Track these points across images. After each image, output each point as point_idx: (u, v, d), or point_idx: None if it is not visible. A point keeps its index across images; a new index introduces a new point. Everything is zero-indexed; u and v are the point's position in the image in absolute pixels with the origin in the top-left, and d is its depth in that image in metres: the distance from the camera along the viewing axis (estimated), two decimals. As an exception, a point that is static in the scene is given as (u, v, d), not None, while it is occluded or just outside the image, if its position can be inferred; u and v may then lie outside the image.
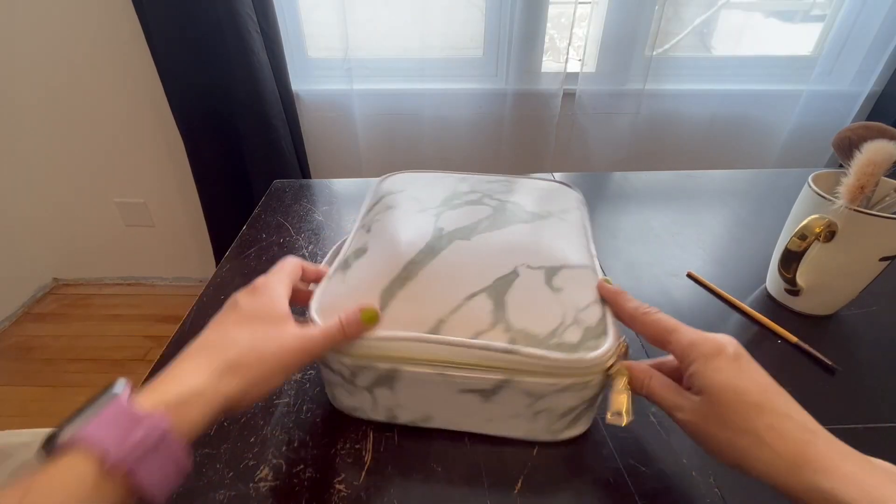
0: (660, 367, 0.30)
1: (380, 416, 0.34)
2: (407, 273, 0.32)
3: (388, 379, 0.30)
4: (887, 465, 0.22)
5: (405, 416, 0.33)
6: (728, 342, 0.26)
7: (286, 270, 0.32)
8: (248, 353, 0.25)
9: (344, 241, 0.40)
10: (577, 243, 0.37)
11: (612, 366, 0.29)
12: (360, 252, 0.35)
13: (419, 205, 0.39)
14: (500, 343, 0.28)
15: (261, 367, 0.25)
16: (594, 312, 0.31)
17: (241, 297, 0.29)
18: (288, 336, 0.27)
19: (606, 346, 0.29)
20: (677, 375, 0.29)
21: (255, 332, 0.27)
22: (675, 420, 0.27)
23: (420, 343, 0.29)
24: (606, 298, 0.32)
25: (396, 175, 0.46)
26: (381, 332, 0.29)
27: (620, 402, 0.28)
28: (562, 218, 0.39)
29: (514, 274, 0.32)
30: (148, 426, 0.20)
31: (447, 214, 0.37)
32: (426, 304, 0.30)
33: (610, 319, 0.31)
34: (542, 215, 0.39)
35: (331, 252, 0.40)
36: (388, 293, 0.31)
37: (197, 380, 0.23)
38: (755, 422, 0.23)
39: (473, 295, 0.31)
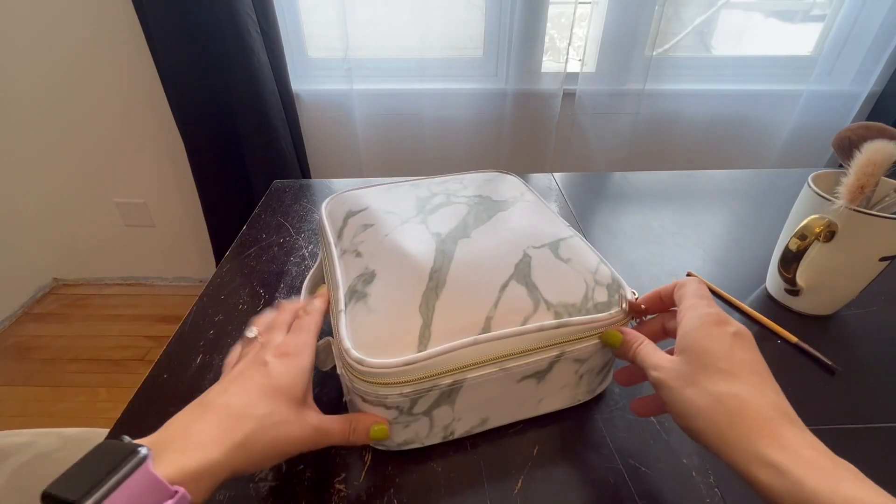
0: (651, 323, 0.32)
1: (435, 438, 0.32)
2: (434, 283, 0.31)
3: (449, 394, 0.29)
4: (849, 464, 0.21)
5: (462, 428, 0.33)
6: (735, 323, 0.26)
7: (316, 327, 0.32)
8: (262, 432, 0.24)
9: (314, 272, 0.39)
10: (551, 218, 0.39)
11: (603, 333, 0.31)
12: (368, 277, 0.32)
13: (397, 217, 0.38)
14: (551, 321, 0.30)
15: (267, 451, 0.25)
16: (605, 271, 0.34)
17: (272, 361, 0.27)
18: (303, 427, 0.26)
19: (628, 294, 0.32)
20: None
21: (275, 411, 0.25)
22: (650, 378, 0.27)
23: (480, 345, 0.29)
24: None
25: (339, 196, 0.43)
26: (441, 346, 0.28)
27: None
28: (525, 200, 0.41)
29: (526, 256, 0.33)
30: (175, 500, 0.20)
31: (432, 220, 0.37)
32: (467, 306, 0.30)
33: (618, 274, 0.34)
34: (510, 202, 0.41)
35: (307, 285, 0.39)
36: (426, 307, 0.30)
37: (214, 452, 0.22)
38: (720, 387, 0.23)
39: (505, 285, 0.31)
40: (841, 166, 0.41)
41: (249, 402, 0.25)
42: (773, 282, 0.48)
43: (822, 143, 1.26)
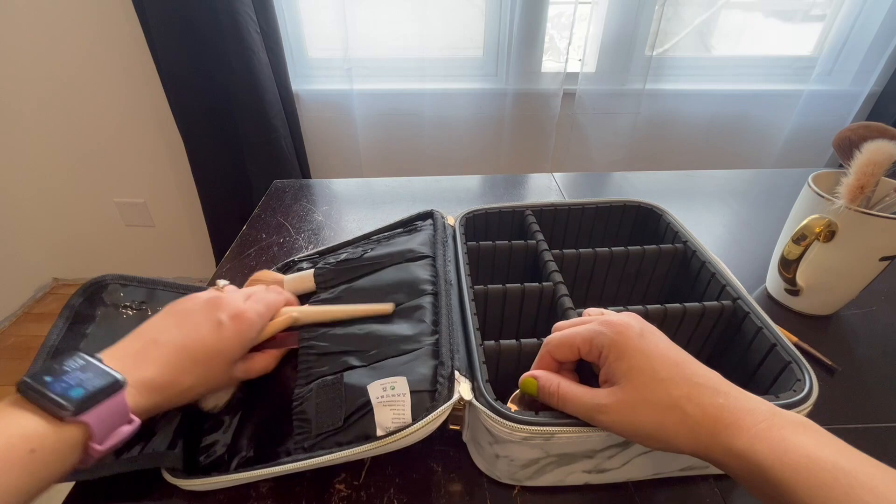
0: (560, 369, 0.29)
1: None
2: None
3: None
4: (794, 415, 0.22)
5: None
6: (630, 321, 0.26)
7: (275, 305, 0.36)
8: (194, 392, 0.31)
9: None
10: None
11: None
12: None
13: None
14: None
15: (193, 398, 0.32)
16: None
17: (227, 323, 0.31)
18: (229, 381, 0.34)
19: None
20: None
21: (209, 378, 0.31)
22: (600, 423, 0.25)
23: None
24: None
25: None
26: None
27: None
28: None
29: None
30: (133, 427, 0.25)
31: None
32: None
33: None
34: None
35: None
36: None
37: (158, 399, 0.28)
38: (673, 395, 0.23)
39: None
40: (841, 166, 0.41)
41: (191, 363, 0.29)
42: (773, 282, 0.48)
43: (822, 143, 1.26)
